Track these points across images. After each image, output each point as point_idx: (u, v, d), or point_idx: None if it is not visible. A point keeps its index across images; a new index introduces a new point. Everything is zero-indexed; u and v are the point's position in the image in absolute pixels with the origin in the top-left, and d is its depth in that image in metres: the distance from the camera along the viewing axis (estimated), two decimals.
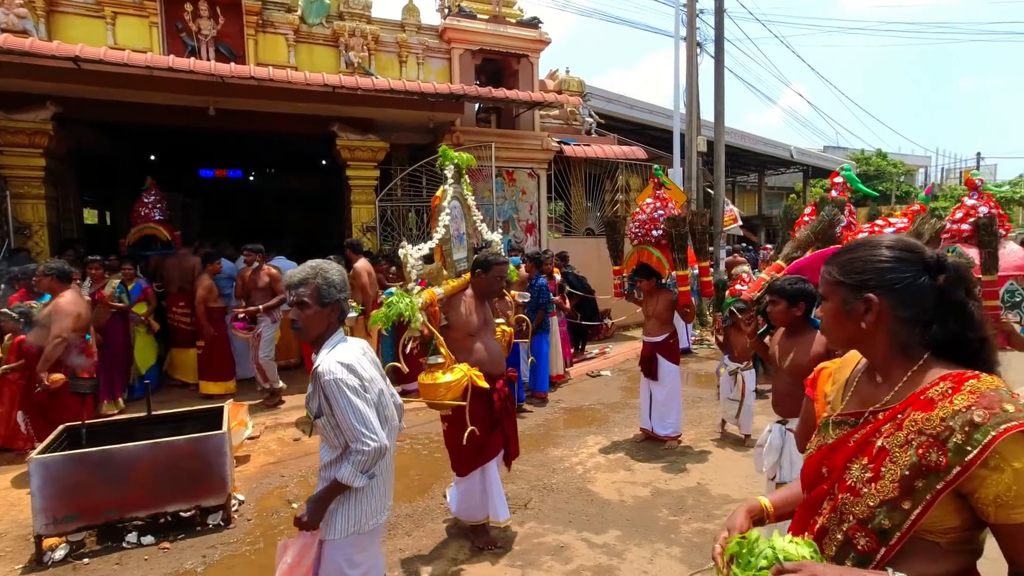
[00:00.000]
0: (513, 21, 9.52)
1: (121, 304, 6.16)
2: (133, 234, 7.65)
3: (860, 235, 3.06)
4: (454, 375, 3.01)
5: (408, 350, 3.12)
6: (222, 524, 3.58)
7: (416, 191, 9.08)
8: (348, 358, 1.94)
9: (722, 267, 11.19)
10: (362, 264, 6.35)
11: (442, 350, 3.10)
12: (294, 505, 3.91)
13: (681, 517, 3.68)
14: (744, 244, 24.72)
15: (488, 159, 9.00)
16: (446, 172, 3.50)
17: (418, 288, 3.13)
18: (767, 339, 3.10)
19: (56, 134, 7.14)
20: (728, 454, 4.77)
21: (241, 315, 6.07)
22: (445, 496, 3.77)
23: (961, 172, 36.03)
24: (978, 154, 32.00)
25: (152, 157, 12.33)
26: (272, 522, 3.67)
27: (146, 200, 7.70)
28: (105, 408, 5.82)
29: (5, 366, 4.45)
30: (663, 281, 4.99)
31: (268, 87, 7.00)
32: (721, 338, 4.43)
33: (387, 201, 8.76)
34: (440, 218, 3.35)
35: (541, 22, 9.62)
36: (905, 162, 32.67)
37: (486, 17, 9.33)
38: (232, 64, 6.94)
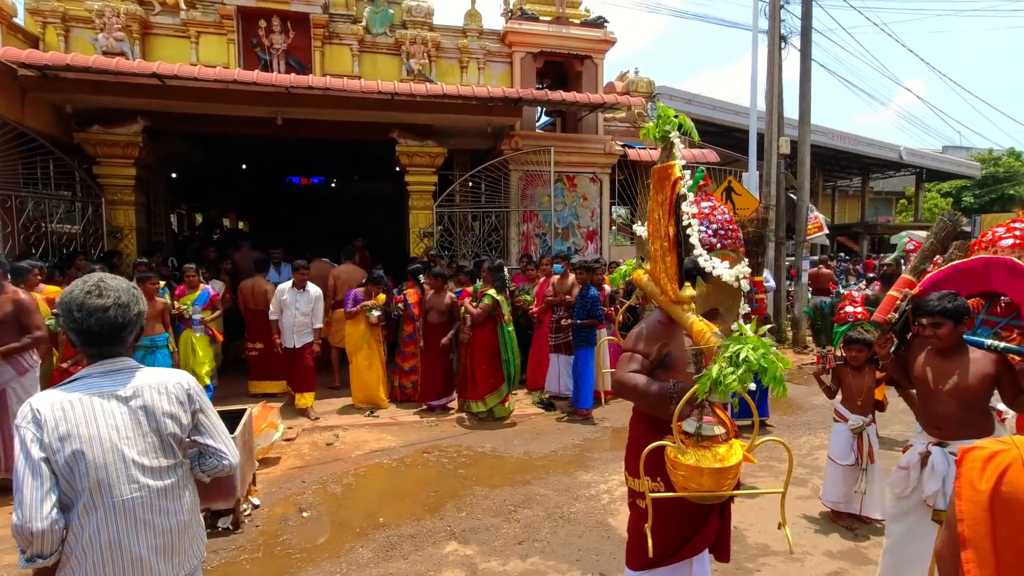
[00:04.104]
0: (577, 22, 9.24)
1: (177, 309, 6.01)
2: None
3: (996, 238, 2.75)
4: (736, 453, 1.90)
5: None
6: (231, 528, 3.62)
7: (475, 197, 9.04)
8: (43, 401, 1.48)
9: (805, 279, 10.23)
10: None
11: (720, 412, 2.01)
12: (305, 514, 3.89)
13: None
14: (841, 254, 22.69)
15: (547, 163, 8.77)
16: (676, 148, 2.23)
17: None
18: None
19: (146, 146, 7.76)
20: (777, 496, 4.21)
21: None
22: None
23: None
24: None
25: (244, 166, 13.25)
26: (277, 531, 3.67)
27: None
28: None
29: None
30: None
31: (329, 96, 7.22)
32: (828, 382, 3.80)
33: (445, 207, 8.77)
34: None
35: (607, 21, 9.26)
36: None
37: (549, 19, 9.12)
38: (292, 75, 7.21)
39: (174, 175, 10.64)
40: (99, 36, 7.64)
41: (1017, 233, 2.72)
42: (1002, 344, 2.54)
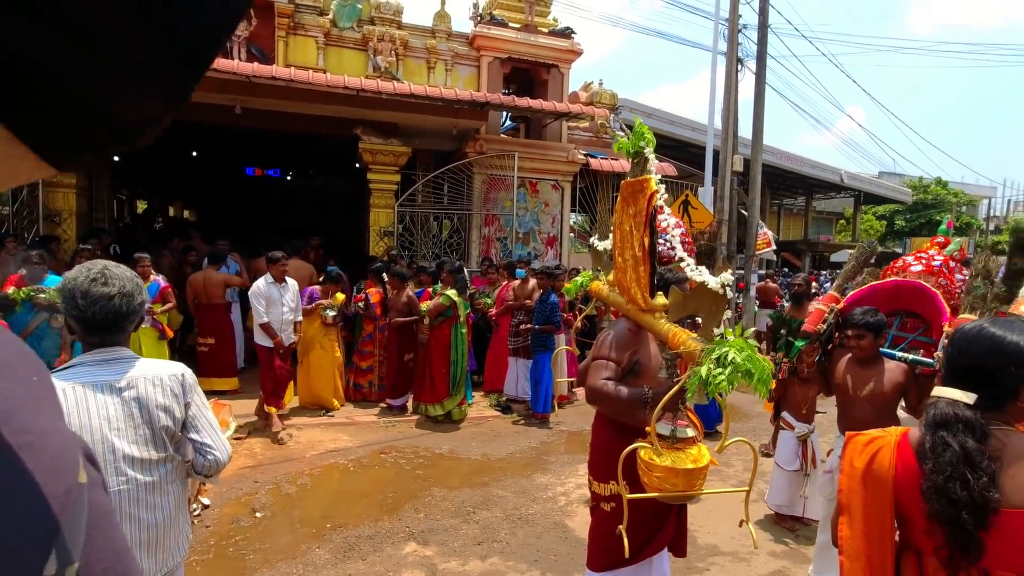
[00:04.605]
0: (545, 31, 9.38)
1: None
2: None
3: (906, 265, 3.24)
4: (705, 454, 2.01)
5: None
6: None
7: (438, 197, 9.01)
8: None
9: (752, 292, 10.70)
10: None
11: (691, 415, 2.14)
12: (258, 515, 3.79)
13: None
14: (785, 269, 23.78)
15: (511, 168, 8.85)
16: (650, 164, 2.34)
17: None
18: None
19: None
20: (725, 498, 4.40)
21: None
22: None
23: None
24: None
25: (194, 153, 12.73)
26: (229, 531, 3.56)
27: None
28: None
29: None
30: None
31: (292, 88, 7.05)
32: (773, 394, 4.02)
33: (407, 207, 8.71)
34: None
35: (574, 32, 9.45)
36: (967, 192, 30.91)
37: (518, 26, 9.22)
38: (256, 64, 7.02)
39: (116, 158, 10.13)
40: None
41: (924, 260, 3.19)
42: (911, 356, 2.87)
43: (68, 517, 0.40)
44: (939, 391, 1.36)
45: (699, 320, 2.72)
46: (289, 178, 16.63)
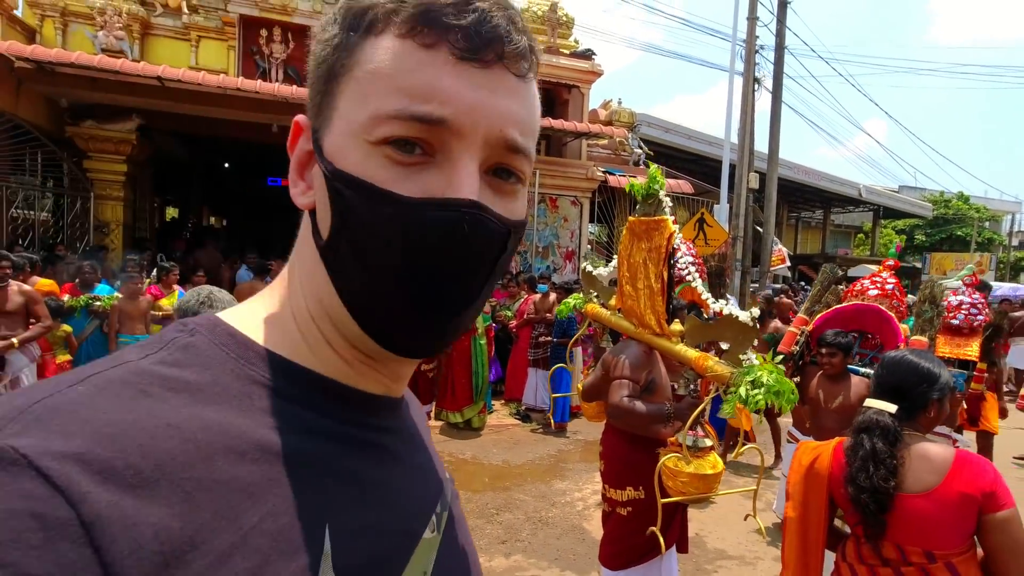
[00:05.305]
0: (567, 52, 9.72)
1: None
2: None
3: (864, 289, 3.64)
4: (719, 461, 2.32)
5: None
6: None
7: None
8: None
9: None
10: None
11: (708, 426, 2.43)
12: None
13: None
14: (801, 283, 23.74)
15: (532, 185, 9.18)
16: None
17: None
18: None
19: (138, 143, 7.86)
20: (733, 506, 4.64)
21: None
22: None
23: None
24: None
25: (226, 164, 13.28)
26: None
27: None
28: None
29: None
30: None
31: None
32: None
33: None
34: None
35: (595, 54, 9.78)
36: (989, 207, 30.55)
37: (541, 48, 9.56)
38: (294, 87, 7.45)
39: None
40: (99, 33, 7.73)
41: (878, 284, 3.56)
42: (872, 372, 3.23)
43: None
44: (869, 402, 1.72)
45: (723, 345, 3.03)
46: None
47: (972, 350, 3.73)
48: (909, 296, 4.02)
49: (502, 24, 0.41)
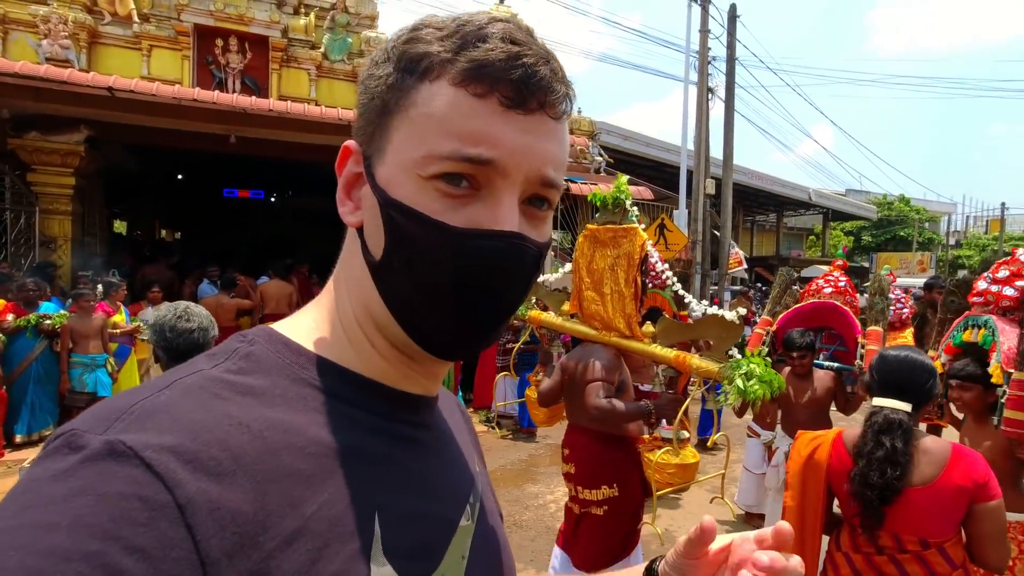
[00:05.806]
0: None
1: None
2: None
3: (819, 288, 3.93)
4: (694, 452, 2.66)
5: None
6: None
7: None
8: None
9: (727, 308, 11.24)
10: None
11: (687, 422, 2.79)
12: None
13: (642, 565, 3.71)
14: (758, 283, 24.56)
15: None
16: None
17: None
18: None
19: (87, 155, 7.58)
20: (701, 502, 4.78)
21: None
22: None
23: (988, 221, 35.50)
24: (1002, 204, 31.51)
25: (179, 176, 12.91)
26: None
27: None
28: None
29: None
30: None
31: (285, 119, 7.38)
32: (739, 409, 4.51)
33: None
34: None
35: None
36: (928, 208, 32.30)
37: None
38: (253, 98, 7.34)
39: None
40: (43, 42, 7.45)
41: (832, 282, 3.88)
42: (836, 364, 3.54)
43: None
44: (879, 401, 1.72)
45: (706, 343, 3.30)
46: (273, 199, 16.77)
47: (907, 339, 4.10)
48: (861, 297, 4.33)
49: (546, 76, 0.46)
